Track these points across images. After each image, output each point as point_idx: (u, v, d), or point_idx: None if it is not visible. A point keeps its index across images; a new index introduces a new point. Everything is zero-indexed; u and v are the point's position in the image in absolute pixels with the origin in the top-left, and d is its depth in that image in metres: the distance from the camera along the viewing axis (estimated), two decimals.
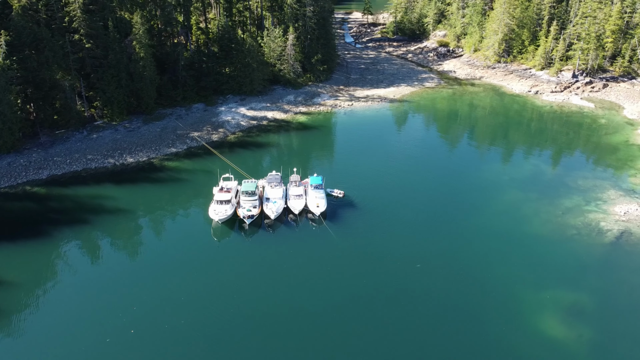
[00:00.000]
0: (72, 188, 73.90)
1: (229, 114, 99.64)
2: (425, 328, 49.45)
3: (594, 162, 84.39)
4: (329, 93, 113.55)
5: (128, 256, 60.71)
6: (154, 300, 52.08)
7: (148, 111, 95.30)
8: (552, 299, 53.26)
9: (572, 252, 60.82)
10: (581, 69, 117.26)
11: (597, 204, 70.10)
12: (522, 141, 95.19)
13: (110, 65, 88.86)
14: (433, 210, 69.86)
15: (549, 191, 74.26)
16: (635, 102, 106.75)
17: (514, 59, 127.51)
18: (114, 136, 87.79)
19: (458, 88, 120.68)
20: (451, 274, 56.76)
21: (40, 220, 66.60)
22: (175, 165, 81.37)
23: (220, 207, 64.97)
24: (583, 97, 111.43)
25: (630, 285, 55.51)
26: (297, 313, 51.04)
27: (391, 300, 52.91)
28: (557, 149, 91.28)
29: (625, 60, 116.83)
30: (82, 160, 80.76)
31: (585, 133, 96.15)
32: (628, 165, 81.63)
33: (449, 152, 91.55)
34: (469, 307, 51.99)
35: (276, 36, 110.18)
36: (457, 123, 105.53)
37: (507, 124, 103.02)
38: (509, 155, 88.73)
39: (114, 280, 55.28)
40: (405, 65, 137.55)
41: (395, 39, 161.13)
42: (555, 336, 48.62)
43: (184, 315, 50.08)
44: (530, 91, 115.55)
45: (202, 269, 57.75)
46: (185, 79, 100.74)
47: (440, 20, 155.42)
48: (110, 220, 67.01)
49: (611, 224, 65.19)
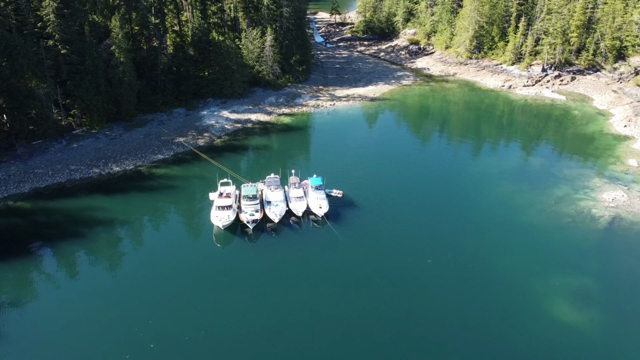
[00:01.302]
0: (59, 201, 70.53)
1: (212, 117, 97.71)
2: (445, 321, 50.07)
3: (575, 152, 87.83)
4: (309, 93, 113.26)
5: (132, 269, 58.33)
6: (169, 313, 50.41)
7: (128, 118, 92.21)
8: (559, 285, 55.04)
9: (569, 239, 63.11)
10: (550, 63, 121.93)
11: (585, 192, 73.05)
12: (504, 134, 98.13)
13: (88, 71, 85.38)
14: (431, 206, 70.84)
15: (538, 182, 76.77)
16: (602, 94, 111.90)
17: (485, 55, 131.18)
18: (95, 145, 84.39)
19: (434, 85, 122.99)
20: (460, 267, 57.73)
21: (31, 236, 63.32)
22: (165, 173, 79.06)
23: (222, 212, 63.62)
24: (554, 90, 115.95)
25: (629, 267, 58.14)
26: (316, 317, 50.48)
27: (408, 295, 53.30)
28: (539, 141, 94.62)
29: (589, 53, 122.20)
30: (65, 171, 77.22)
31: (562, 125, 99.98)
32: (606, 153, 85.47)
33: (438, 148, 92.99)
34: (484, 297, 53.06)
35: (254, 37, 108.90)
36: (440, 119, 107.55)
37: (487, 118, 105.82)
38: (494, 148, 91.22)
39: (122, 294, 53.12)
40: (380, 64, 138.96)
41: (366, 37, 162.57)
42: (569, 321, 50.29)
43: (203, 325, 48.73)
44: (504, 86, 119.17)
45: (210, 277, 56.44)
46: (164, 83, 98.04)
47: (409, 18, 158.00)
48: (105, 232, 64.36)
49: (602, 210, 68.09)
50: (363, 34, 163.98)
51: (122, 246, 62.43)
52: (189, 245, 62.76)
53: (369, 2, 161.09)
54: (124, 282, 55.16)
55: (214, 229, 64.46)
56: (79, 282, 55.64)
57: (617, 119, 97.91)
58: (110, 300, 52.01)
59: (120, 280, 55.67)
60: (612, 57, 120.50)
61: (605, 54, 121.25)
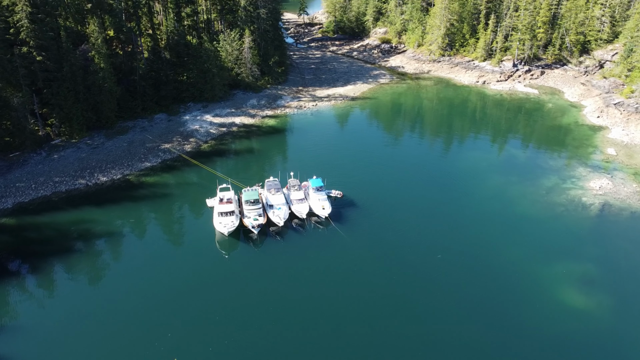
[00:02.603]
0: (47, 215, 67.11)
1: (196, 122, 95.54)
2: (461, 313, 50.78)
3: (556, 143, 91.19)
4: (290, 95, 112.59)
5: (138, 282, 55.85)
6: (186, 325, 48.86)
7: (109, 125, 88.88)
8: (564, 272, 56.98)
9: (565, 227, 65.45)
10: (520, 59, 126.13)
11: (572, 181, 75.96)
12: (487, 129, 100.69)
13: (66, 78, 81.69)
14: (429, 201, 71.62)
15: (526, 173, 79.24)
16: (572, 87, 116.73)
17: (457, 52, 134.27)
18: (77, 155, 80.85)
19: (411, 83, 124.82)
20: (467, 260, 58.73)
21: (22, 253, 59.86)
22: (155, 181, 76.66)
23: (226, 219, 62.32)
24: (526, 85, 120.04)
25: (625, 251, 60.85)
26: (333, 319, 49.90)
27: (423, 290, 53.81)
28: (520, 134, 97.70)
29: (555, 48, 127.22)
30: (49, 184, 73.60)
31: (539, 117, 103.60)
32: (585, 143, 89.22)
33: (426, 144, 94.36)
34: (496, 289, 54.21)
35: (232, 39, 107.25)
36: (423, 116, 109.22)
37: (468, 114, 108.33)
38: (480, 143, 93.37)
39: (134, 310, 50.94)
40: (354, 63, 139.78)
41: (337, 37, 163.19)
42: (579, 306, 52.12)
43: (225, 335, 47.52)
44: (478, 82, 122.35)
45: (221, 285, 55.04)
46: (144, 88, 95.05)
47: (379, 17, 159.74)
48: (103, 246, 61.82)
49: (591, 198, 71.00)
50: (334, 34, 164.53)
51: (123, 259, 60.14)
52: (193, 254, 60.85)
53: (337, 2, 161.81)
54: (133, 297, 52.87)
55: (217, 236, 63.06)
56: (84, 301, 52.58)
57: (590, 110, 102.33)
58: (123, 317, 49.81)
59: (128, 295, 53.23)
60: (577, 51, 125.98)
61: (570, 48, 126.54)
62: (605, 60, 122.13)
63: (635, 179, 75.81)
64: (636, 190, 72.66)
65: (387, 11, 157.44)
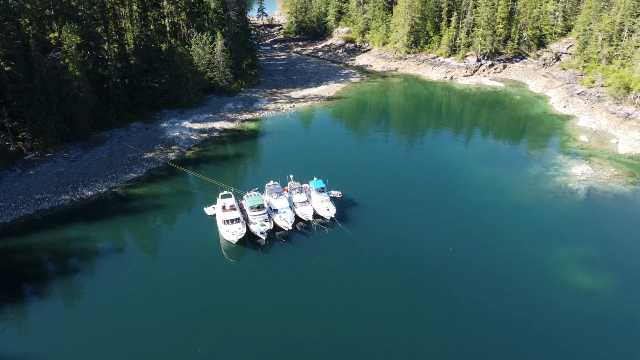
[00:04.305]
0: (35, 235, 62.81)
1: (175, 129, 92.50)
2: (481, 300, 52.02)
3: (531, 133, 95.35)
4: (265, 97, 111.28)
5: (149, 299, 52.79)
6: (213, 337, 47.19)
7: (84, 137, 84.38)
8: (566, 255, 59.55)
9: (558, 213, 68.51)
10: (483, 54, 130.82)
11: (555, 168, 79.67)
12: (464, 122, 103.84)
13: (37, 88, 76.74)
14: (425, 197, 72.76)
15: (511, 163, 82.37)
16: (534, 79, 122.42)
17: (422, 49, 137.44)
18: (56, 169, 76.23)
19: (381, 80, 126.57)
20: (476, 250, 60.22)
21: (13, 279, 55.51)
22: (144, 192, 73.53)
23: (233, 226, 60.76)
24: (492, 78, 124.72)
25: (617, 231, 64.49)
26: (356, 322, 49.64)
27: (443, 283, 54.58)
28: (497, 126, 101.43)
29: (514, 42, 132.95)
30: (30, 202, 68.96)
31: (509, 109, 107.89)
32: (558, 132, 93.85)
33: (410, 140, 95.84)
34: (508, 275, 55.89)
35: (204, 43, 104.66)
36: (400, 113, 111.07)
37: (442, 109, 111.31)
38: (461, 136, 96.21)
39: (153, 327, 48.61)
40: (322, 64, 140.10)
41: (299, 38, 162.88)
42: (587, 286, 54.66)
43: (257, 345, 46.32)
44: (446, 77, 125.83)
45: (235, 295, 53.09)
46: (118, 96, 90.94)
47: (340, 17, 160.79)
48: (102, 264, 58.20)
49: (576, 184, 74.75)
50: (296, 35, 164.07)
51: (127, 277, 56.40)
52: (201, 265, 58.56)
53: (298, 2, 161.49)
54: (149, 315, 50.22)
55: (224, 245, 61.38)
56: (93, 327, 49.04)
57: (555, 101, 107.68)
58: (141, 342, 47.45)
59: (142, 316, 50.12)
60: (535, 45, 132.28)
61: (528, 42, 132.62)
62: (561, 53, 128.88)
63: (611, 163, 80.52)
64: (614, 174, 77.20)
65: (348, 11, 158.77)
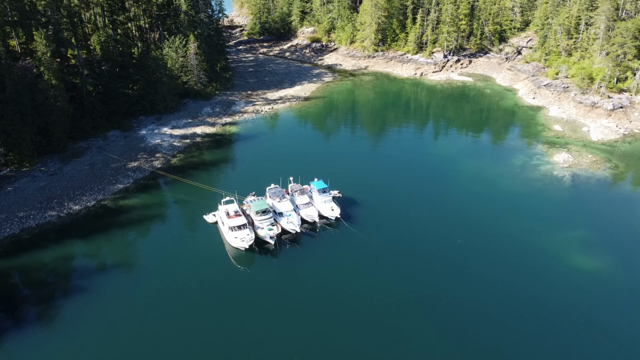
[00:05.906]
0: (24, 256, 58.76)
1: (155, 136, 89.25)
2: (493, 287, 53.50)
3: (507, 124, 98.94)
4: (242, 100, 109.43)
5: (161, 315, 50.28)
6: (240, 346, 45.99)
7: (60, 148, 79.89)
8: (565, 239, 62.16)
9: (548, 199, 71.46)
10: (448, 49, 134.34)
11: (538, 157, 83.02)
12: (441, 117, 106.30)
13: (10, 99, 71.95)
14: (422, 191, 73.60)
15: (495, 155, 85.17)
16: (499, 72, 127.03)
17: (389, 47, 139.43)
18: (36, 184, 71.75)
19: (354, 79, 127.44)
20: (481, 241, 61.84)
21: (8, 304, 51.80)
22: (135, 203, 70.48)
23: (241, 232, 59.37)
24: (460, 73, 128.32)
25: (607, 214, 68.03)
26: (374, 322, 49.53)
27: (456, 275, 55.66)
28: (473, 119, 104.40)
29: (477, 38, 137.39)
30: (13, 220, 64.57)
31: (482, 103, 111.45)
32: (532, 122, 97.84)
33: (394, 136, 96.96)
34: (514, 262, 57.70)
35: (177, 46, 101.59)
36: (378, 110, 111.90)
37: (418, 104, 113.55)
38: (443, 130, 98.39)
39: (169, 344, 46.75)
40: (291, 64, 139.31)
41: (264, 39, 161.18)
42: (590, 268, 57.31)
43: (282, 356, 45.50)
44: (416, 74, 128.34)
45: (252, 302, 51.62)
46: (93, 104, 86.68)
47: (304, 17, 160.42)
48: (103, 281, 54.80)
49: (561, 171, 78.21)
50: (260, 36, 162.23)
51: (134, 293, 53.01)
52: (210, 274, 56.57)
53: (261, 3, 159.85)
54: (161, 335, 47.77)
55: (231, 252, 59.86)
56: (102, 351, 47.05)
57: (524, 93, 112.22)
58: (164, 353, 45.58)
59: (155, 331, 47.88)
60: (496, 40, 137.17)
61: (490, 37, 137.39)
62: (521, 47, 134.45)
63: (587, 150, 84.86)
64: (593, 160, 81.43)
65: (311, 10, 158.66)
